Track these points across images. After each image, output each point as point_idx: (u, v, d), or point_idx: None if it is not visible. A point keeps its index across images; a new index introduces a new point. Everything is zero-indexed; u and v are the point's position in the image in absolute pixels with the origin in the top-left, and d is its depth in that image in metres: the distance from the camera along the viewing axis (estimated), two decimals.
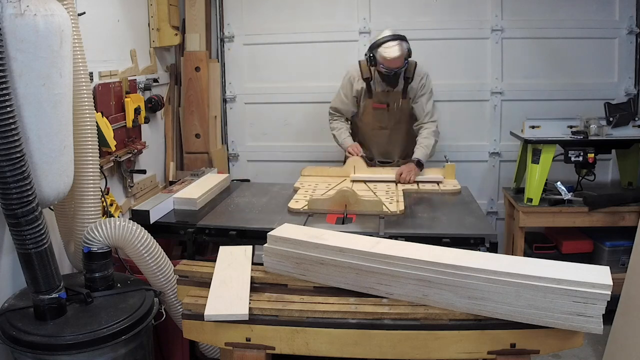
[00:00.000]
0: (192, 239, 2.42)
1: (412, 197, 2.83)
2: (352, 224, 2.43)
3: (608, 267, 1.61)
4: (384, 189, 2.91)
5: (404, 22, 3.83)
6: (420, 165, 3.11)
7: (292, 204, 2.65)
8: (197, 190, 2.82)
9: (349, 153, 3.25)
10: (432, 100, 3.29)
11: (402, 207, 2.59)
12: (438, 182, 3.06)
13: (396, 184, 3.01)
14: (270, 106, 4.05)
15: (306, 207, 2.59)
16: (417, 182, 3.05)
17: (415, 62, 3.22)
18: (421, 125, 3.26)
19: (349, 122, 3.45)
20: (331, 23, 3.89)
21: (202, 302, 1.72)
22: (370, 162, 3.33)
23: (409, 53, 3.08)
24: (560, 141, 3.19)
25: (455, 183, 3.06)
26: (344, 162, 3.34)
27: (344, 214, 2.50)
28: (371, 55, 3.09)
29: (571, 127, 3.22)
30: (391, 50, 3.01)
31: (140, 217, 2.45)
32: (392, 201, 2.68)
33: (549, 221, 3.26)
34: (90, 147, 2.13)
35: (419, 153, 3.14)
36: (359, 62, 3.29)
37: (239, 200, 2.84)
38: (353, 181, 3.09)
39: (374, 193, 2.84)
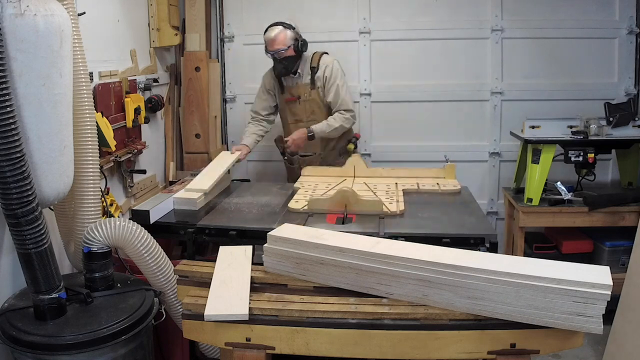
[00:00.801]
0: (192, 239, 2.42)
1: (412, 197, 2.83)
2: (352, 224, 2.43)
3: (608, 267, 1.61)
4: (384, 189, 2.91)
5: (404, 22, 3.84)
6: (311, 134, 3.24)
7: (292, 204, 2.65)
8: (207, 181, 2.85)
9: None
10: (345, 89, 3.33)
11: (402, 207, 2.59)
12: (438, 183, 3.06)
13: (396, 185, 3.01)
14: None
15: (306, 207, 2.59)
16: (417, 183, 3.05)
17: (323, 53, 3.39)
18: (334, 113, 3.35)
19: (267, 125, 3.52)
20: (331, 23, 3.89)
21: (202, 302, 1.72)
22: (292, 157, 3.44)
23: (296, 42, 3.24)
24: (560, 141, 3.19)
25: (455, 183, 3.06)
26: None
27: (344, 214, 2.50)
28: (265, 41, 3.31)
29: (571, 127, 3.22)
30: (268, 32, 3.26)
31: (140, 217, 2.45)
32: (392, 201, 2.68)
33: (549, 221, 3.26)
34: (90, 147, 2.13)
35: (316, 126, 3.27)
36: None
37: (239, 200, 2.84)
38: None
39: (374, 193, 2.84)
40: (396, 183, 3.03)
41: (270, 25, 3.28)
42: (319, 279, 1.83)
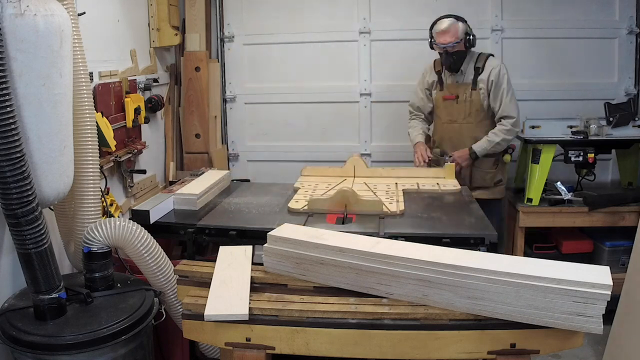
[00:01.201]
0: (192, 239, 2.42)
1: (412, 197, 2.83)
2: (352, 224, 2.43)
3: (608, 267, 1.61)
4: (384, 189, 2.91)
5: (404, 22, 3.83)
6: (474, 155, 3.17)
7: (292, 204, 2.65)
8: (198, 187, 2.82)
9: (415, 154, 3.30)
10: (510, 96, 3.17)
11: (402, 207, 2.59)
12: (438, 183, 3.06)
13: (396, 185, 3.01)
14: (270, 106, 4.05)
15: (306, 207, 2.59)
16: (417, 183, 3.05)
17: (490, 55, 3.25)
18: (496, 123, 3.23)
19: (428, 122, 3.49)
20: (331, 23, 3.89)
21: (202, 302, 1.72)
22: (441, 157, 3.32)
23: (467, 36, 3.13)
24: (560, 141, 3.19)
25: (455, 183, 3.06)
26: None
27: (344, 214, 2.50)
28: (431, 37, 3.20)
29: (571, 127, 3.23)
30: (440, 23, 3.13)
31: (140, 217, 2.45)
32: (392, 201, 2.67)
33: (549, 221, 3.26)
34: (90, 147, 2.13)
35: (476, 144, 3.19)
36: (435, 59, 3.37)
37: (239, 200, 2.84)
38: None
39: (374, 193, 2.83)
40: (396, 183, 3.03)
41: (441, 18, 3.17)
42: (319, 279, 1.83)
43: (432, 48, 3.23)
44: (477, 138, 3.24)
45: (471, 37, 3.16)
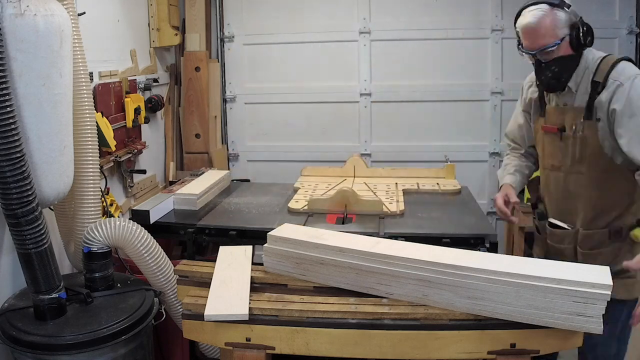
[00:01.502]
0: (192, 239, 2.42)
1: (412, 197, 2.83)
2: (352, 224, 2.43)
3: (608, 267, 1.61)
4: (384, 189, 2.91)
5: (404, 22, 3.83)
6: None
7: (292, 204, 2.65)
8: (198, 187, 2.82)
9: (495, 200, 2.20)
10: None
11: (402, 207, 2.59)
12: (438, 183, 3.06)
13: (396, 185, 3.01)
14: (270, 106, 4.05)
15: (306, 207, 2.59)
16: (417, 183, 3.04)
17: (618, 60, 1.94)
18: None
19: (533, 160, 2.30)
20: (331, 23, 3.89)
21: (202, 302, 1.72)
22: (543, 223, 2.18)
23: (574, 32, 1.90)
24: None
25: (455, 183, 3.06)
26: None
27: (344, 214, 2.50)
28: (518, 37, 2.01)
29: None
30: (524, 14, 1.92)
31: (140, 217, 2.45)
32: (392, 201, 2.68)
33: None
34: (90, 147, 2.13)
35: None
36: None
37: (239, 200, 2.84)
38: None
39: (374, 193, 2.84)
40: (396, 183, 3.04)
41: (528, 5, 1.92)
42: (319, 279, 1.83)
43: (518, 49, 2.02)
44: (590, 195, 1.99)
45: (582, 31, 1.90)
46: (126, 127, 2.91)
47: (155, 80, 3.42)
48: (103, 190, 2.44)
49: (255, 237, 2.33)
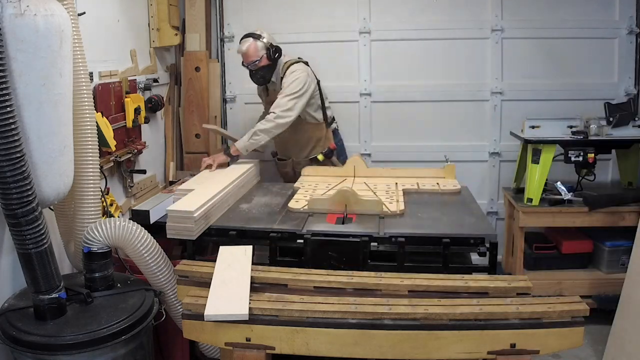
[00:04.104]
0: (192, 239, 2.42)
1: (412, 197, 2.83)
2: (352, 224, 2.43)
3: None
4: (384, 189, 2.91)
5: (404, 22, 3.83)
6: (227, 153, 3.22)
7: (292, 204, 2.65)
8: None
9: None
10: (292, 98, 3.17)
11: (402, 207, 2.59)
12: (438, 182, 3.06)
13: (396, 185, 3.01)
14: None
15: (306, 207, 2.59)
16: (417, 183, 3.04)
17: (292, 63, 3.31)
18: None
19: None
20: (331, 23, 3.89)
21: (202, 302, 1.72)
22: (277, 156, 3.62)
23: (268, 51, 3.25)
24: (560, 141, 3.19)
25: (455, 183, 3.06)
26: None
27: (344, 213, 2.50)
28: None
29: (571, 127, 3.22)
30: (240, 45, 3.31)
31: (140, 217, 2.45)
32: (392, 201, 2.67)
33: (549, 221, 3.26)
34: (90, 147, 2.13)
35: (237, 142, 3.24)
36: None
37: (239, 200, 2.84)
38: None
39: (374, 193, 2.83)
40: (396, 183, 3.03)
41: (242, 38, 3.33)
42: None
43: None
44: (295, 141, 3.48)
45: (272, 50, 3.27)
46: (126, 127, 2.91)
47: (155, 80, 3.42)
48: (103, 190, 2.44)
49: (255, 237, 2.33)
